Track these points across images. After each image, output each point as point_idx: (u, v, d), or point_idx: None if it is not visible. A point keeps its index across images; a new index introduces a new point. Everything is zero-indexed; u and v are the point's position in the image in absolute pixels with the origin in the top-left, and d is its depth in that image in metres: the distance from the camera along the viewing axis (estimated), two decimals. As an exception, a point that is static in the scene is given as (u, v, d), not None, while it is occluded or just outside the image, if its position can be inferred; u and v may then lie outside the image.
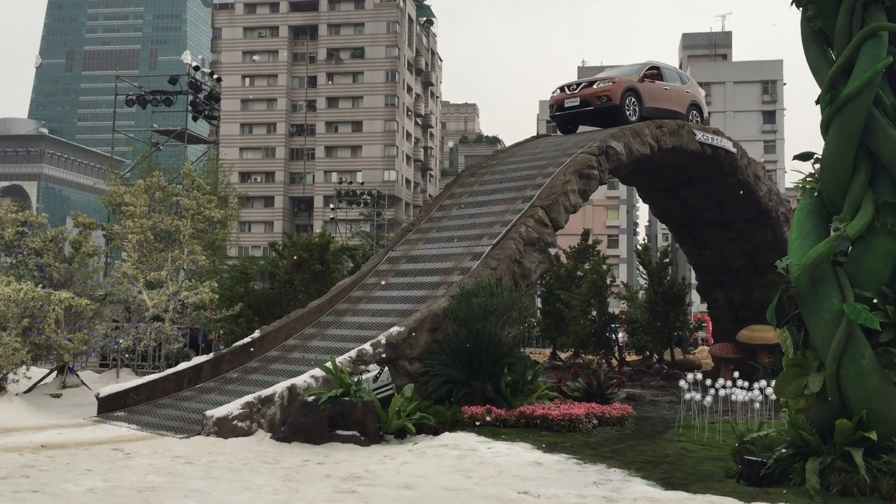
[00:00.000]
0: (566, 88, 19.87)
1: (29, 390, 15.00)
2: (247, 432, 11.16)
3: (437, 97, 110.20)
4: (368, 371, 12.26)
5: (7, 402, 13.30)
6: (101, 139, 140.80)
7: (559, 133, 21.91)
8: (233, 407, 11.33)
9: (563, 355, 28.31)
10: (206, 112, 32.80)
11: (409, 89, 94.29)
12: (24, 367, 14.13)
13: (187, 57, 32.89)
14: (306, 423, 10.85)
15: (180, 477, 8.62)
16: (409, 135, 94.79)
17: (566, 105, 19.50)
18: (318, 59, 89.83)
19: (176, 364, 15.74)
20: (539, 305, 29.53)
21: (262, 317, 19.91)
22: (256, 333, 15.59)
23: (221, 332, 19.99)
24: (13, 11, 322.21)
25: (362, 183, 70.00)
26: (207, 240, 19.88)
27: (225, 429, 11.05)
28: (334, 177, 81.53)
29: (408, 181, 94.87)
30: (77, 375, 16.16)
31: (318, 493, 7.91)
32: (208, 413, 11.24)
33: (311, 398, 11.13)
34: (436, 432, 11.20)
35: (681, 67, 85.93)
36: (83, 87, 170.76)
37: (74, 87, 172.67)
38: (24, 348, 13.67)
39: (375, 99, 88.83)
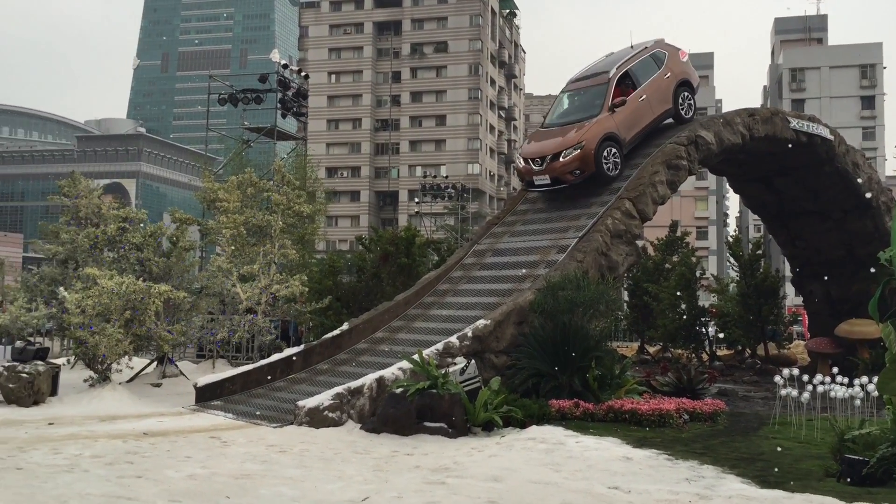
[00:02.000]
0: (531, 161, 16.72)
1: (131, 379, 15.66)
2: (337, 423, 11.38)
3: (521, 89, 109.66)
4: (455, 364, 12.33)
5: (111, 391, 13.93)
6: (194, 137, 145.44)
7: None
8: (324, 398, 11.57)
9: (651, 349, 27.85)
10: (295, 109, 33.46)
11: (493, 82, 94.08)
12: (126, 357, 14.79)
13: (275, 55, 33.66)
14: (395, 414, 10.99)
15: (275, 465, 8.86)
16: (492, 128, 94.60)
17: (537, 183, 16.80)
18: (401, 54, 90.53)
19: (268, 355, 16.16)
20: (626, 299, 29.11)
21: (350, 309, 20.24)
22: (345, 326, 15.86)
23: (311, 324, 20.42)
24: (112, 18, 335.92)
25: (446, 177, 70.19)
26: (297, 234, 20.33)
27: (316, 419, 11.29)
28: (419, 171, 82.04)
29: (491, 174, 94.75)
30: (176, 365, 16.80)
31: (408, 484, 8.00)
32: (300, 403, 11.51)
33: (399, 390, 11.28)
34: (523, 425, 11.19)
35: (773, 54, 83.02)
36: (178, 87, 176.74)
37: (170, 88, 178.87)
38: (127, 339, 14.29)
39: (459, 93, 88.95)
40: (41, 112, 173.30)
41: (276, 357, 15.03)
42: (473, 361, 12.45)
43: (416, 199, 67.63)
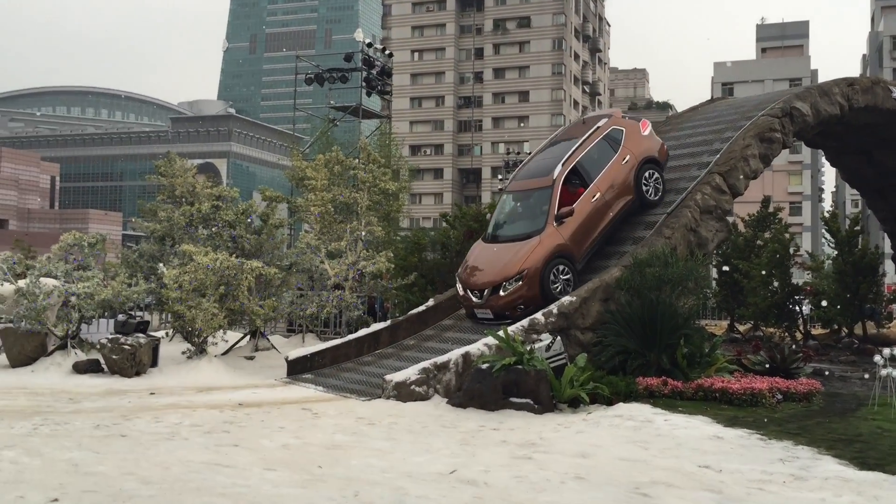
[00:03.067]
0: (470, 292, 14.02)
1: (226, 352, 16.20)
2: (423, 397, 11.53)
3: (605, 63, 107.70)
4: (541, 340, 12.32)
5: (207, 363, 14.47)
6: (282, 117, 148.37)
7: (737, 95, 20.52)
8: (410, 372, 11.74)
9: (741, 328, 27.17)
10: (379, 87, 33.77)
11: (577, 57, 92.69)
12: (221, 330, 15.31)
13: (359, 35, 33.97)
14: (481, 389, 11.07)
15: (364, 437, 9.05)
16: (576, 103, 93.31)
17: (479, 316, 14.06)
18: (484, 30, 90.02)
19: (356, 330, 16.47)
20: (715, 276, 28.44)
21: (435, 286, 20.41)
22: (430, 302, 16.01)
23: (397, 300, 20.69)
24: (204, 4, 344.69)
25: (529, 153, 69.69)
26: (383, 211, 20.55)
27: (403, 393, 11.48)
28: (501, 148, 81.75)
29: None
30: (268, 339, 17.30)
31: (495, 458, 8.07)
32: (388, 377, 11.71)
33: (484, 365, 11.34)
34: (609, 403, 11.12)
35: (873, 21, 78.92)
36: (265, 69, 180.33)
37: (257, 69, 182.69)
38: (222, 314, 14.79)
39: (542, 68, 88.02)
40: (138, 95, 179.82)
41: (363, 332, 15.32)
42: (559, 338, 12.41)
43: (500, 176, 67.41)
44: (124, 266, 17.64)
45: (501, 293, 13.50)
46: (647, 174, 14.94)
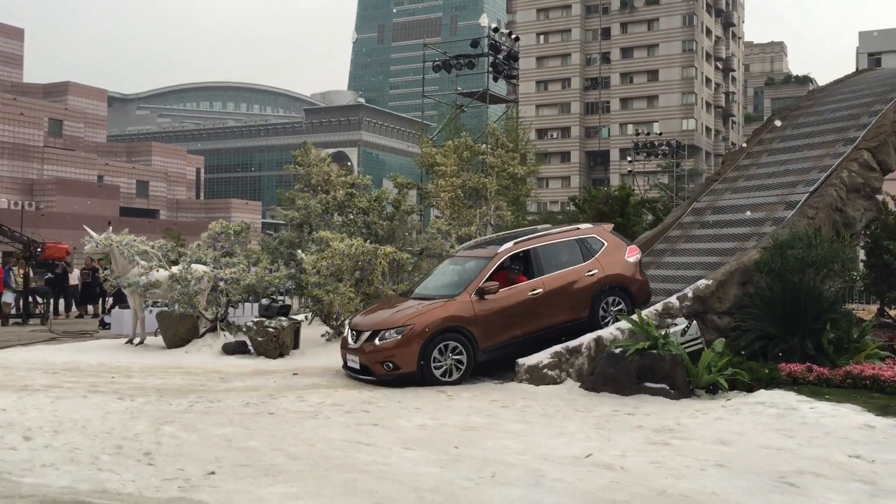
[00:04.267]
0: (351, 332, 12.28)
1: (361, 335, 16.69)
2: (556, 380, 11.54)
3: (739, 38, 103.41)
4: (676, 324, 12.07)
5: (344, 346, 14.96)
6: (410, 105, 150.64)
7: (886, 66, 19.14)
8: (543, 356, 11.76)
9: (892, 312, 25.59)
10: (506, 72, 33.71)
11: (709, 32, 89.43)
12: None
13: (484, 20, 34.02)
14: (614, 374, 10.97)
15: (498, 419, 9.16)
16: (708, 80, 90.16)
17: (349, 364, 12.08)
18: (611, 9, 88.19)
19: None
20: (863, 258, 26.91)
21: (565, 270, 20.30)
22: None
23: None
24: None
25: (660, 133, 67.93)
26: (511, 196, 20.61)
27: (536, 376, 11.52)
28: (630, 129, 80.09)
29: (708, 129, 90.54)
30: (401, 323, 17.69)
31: (631, 443, 8.00)
32: (520, 361, 11.78)
33: (618, 350, 11.22)
34: (749, 389, 10.77)
35: None
36: (393, 58, 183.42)
37: (385, 58, 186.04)
38: (357, 297, 15.28)
39: (672, 46, 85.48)
40: (273, 88, 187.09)
41: (494, 316, 15.38)
42: (695, 322, 12.11)
43: (629, 158, 66.08)
44: (266, 252, 18.46)
45: (377, 342, 11.51)
46: (611, 300, 12.79)
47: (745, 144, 19.03)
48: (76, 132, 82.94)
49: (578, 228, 13.56)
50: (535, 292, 12.30)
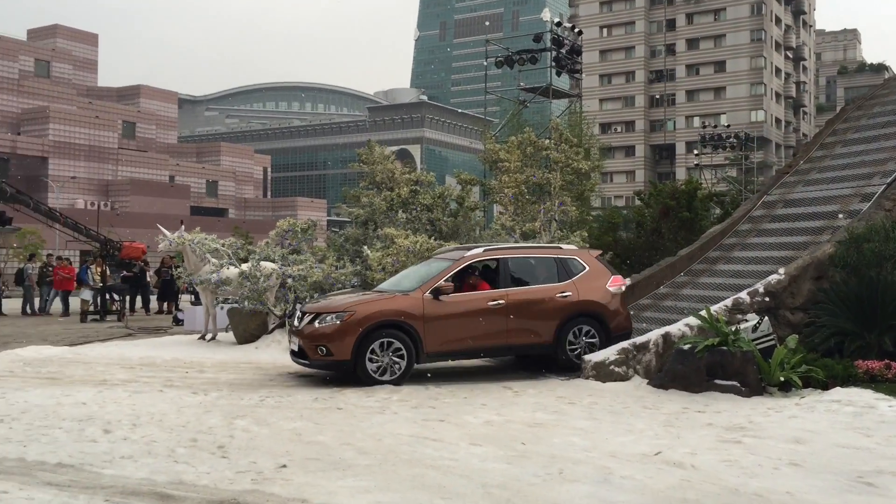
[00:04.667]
0: (299, 315, 11.73)
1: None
2: (623, 377, 11.42)
3: (810, 26, 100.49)
4: (746, 321, 11.81)
5: (410, 342, 15.06)
6: (472, 101, 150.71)
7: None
8: (609, 352, 11.65)
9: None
10: (569, 66, 33.44)
11: (778, 20, 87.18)
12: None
13: (546, 14, 34.04)
14: (683, 371, 10.80)
15: (565, 416, 9.12)
16: (778, 70, 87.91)
17: (291, 347, 11.79)
18: (676, 0, 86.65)
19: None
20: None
21: (630, 265, 20.09)
22: (627, 281, 15.76)
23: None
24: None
25: (727, 126, 66.55)
26: (576, 191, 20.43)
27: (602, 373, 11.42)
28: (696, 121, 78.65)
29: (777, 120, 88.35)
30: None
31: (701, 441, 7.87)
32: (586, 357, 11.69)
33: (686, 346, 11.04)
34: (825, 387, 10.48)
35: None
36: (455, 55, 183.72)
37: (447, 55, 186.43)
38: (422, 294, 15.33)
39: (739, 35, 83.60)
40: (336, 87, 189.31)
41: (559, 312, 15.30)
42: (767, 318, 11.84)
43: (696, 151, 64.87)
44: (332, 250, 18.70)
45: (316, 324, 11.00)
46: (581, 330, 11.95)
47: (817, 135, 18.50)
48: (148, 134, 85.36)
49: (560, 248, 12.84)
50: (495, 303, 11.50)
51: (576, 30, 34.83)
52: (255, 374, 12.14)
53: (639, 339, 11.84)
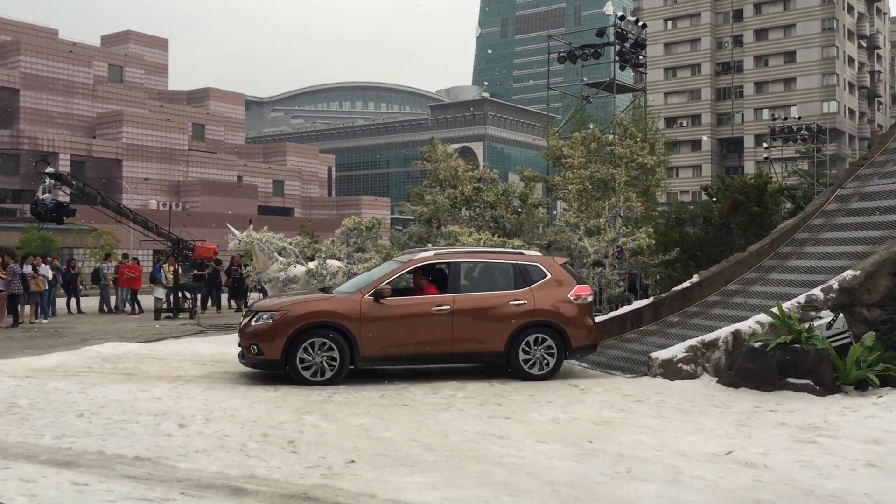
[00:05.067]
0: (251, 313, 11.64)
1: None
2: (691, 375, 11.24)
3: (885, 13, 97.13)
4: (820, 318, 11.49)
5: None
6: (534, 98, 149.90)
7: None
8: (677, 350, 11.49)
9: None
10: (633, 60, 32.95)
11: (850, 8, 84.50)
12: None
13: (609, 8, 33.45)
14: (754, 369, 10.58)
15: (632, 414, 9.03)
16: (850, 60, 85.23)
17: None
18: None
19: (616, 308, 16.35)
20: None
21: (697, 261, 19.73)
22: (695, 278, 15.51)
23: (658, 276, 20.26)
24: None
25: (798, 118, 64.71)
26: (641, 187, 20.19)
27: (670, 371, 11.26)
28: (765, 114, 76.75)
29: (851, 111, 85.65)
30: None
31: (774, 441, 7.71)
32: (653, 355, 11.54)
33: (757, 344, 10.82)
34: (904, 386, 10.15)
35: None
36: (516, 51, 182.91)
37: (509, 52, 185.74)
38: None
39: (810, 25, 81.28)
40: (398, 86, 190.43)
41: (625, 309, 15.18)
42: (842, 315, 11.50)
43: (765, 144, 63.27)
44: (396, 248, 18.86)
45: (252, 322, 11.00)
46: (537, 339, 11.34)
47: (893, 126, 17.88)
48: (217, 135, 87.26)
49: (522, 254, 12.27)
50: (439, 308, 11.05)
51: (640, 23, 34.27)
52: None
53: (707, 337, 11.64)
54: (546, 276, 11.67)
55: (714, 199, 22.49)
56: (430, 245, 16.50)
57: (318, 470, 6.53)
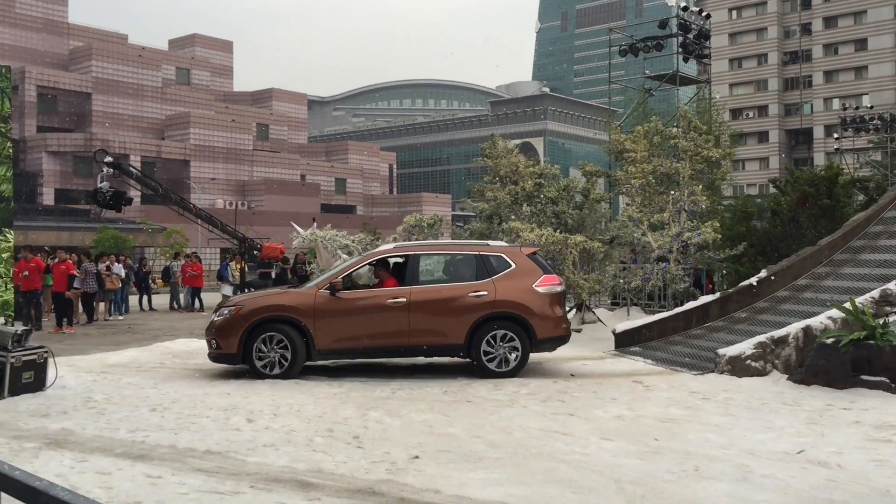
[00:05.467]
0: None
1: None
2: (760, 372, 11.01)
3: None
4: (896, 313, 11.14)
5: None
6: (594, 92, 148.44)
7: None
8: (745, 346, 11.25)
9: None
10: (696, 52, 32.39)
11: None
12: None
13: (672, -1, 32.80)
14: (826, 366, 10.29)
15: (699, 411, 8.88)
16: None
17: None
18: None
19: (682, 303, 16.10)
20: None
21: (765, 256, 19.27)
22: (763, 273, 15.17)
23: (724, 271, 19.86)
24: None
25: (870, 107, 62.70)
26: (706, 180, 19.80)
27: (738, 367, 11.04)
28: (836, 103, 74.58)
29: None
30: (593, 312, 17.54)
31: (848, 440, 7.49)
32: (721, 351, 11.34)
33: (829, 340, 10.53)
34: None
35: None
36: (576, 45, 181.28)
37: (569, 46, 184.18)
38: (549, 288, 15.28)
39: (882, 11, 78.65)
40: (458, 82, 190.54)
41: (691, 305, 14.93)
42: (919, 311, 11.12)
43: (835, 135, 61.50)
44: (457, 244, 18.90)
45: (214, 317, 11.27)
46: (501, 336, 11.04)
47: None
48: (280, 135, 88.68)
49: (487, 245, 12.00)
50: (395, 300, 10.94)
51: (703, 13, 33.66)
52: (386, 366, 12.42)
53: (777, 333, 11.38)
54: (510, 266, 11.36)
55: (783, 192, 21.90)
56: (495, 239, 16.48)
57: (383, 465, 6.59)
